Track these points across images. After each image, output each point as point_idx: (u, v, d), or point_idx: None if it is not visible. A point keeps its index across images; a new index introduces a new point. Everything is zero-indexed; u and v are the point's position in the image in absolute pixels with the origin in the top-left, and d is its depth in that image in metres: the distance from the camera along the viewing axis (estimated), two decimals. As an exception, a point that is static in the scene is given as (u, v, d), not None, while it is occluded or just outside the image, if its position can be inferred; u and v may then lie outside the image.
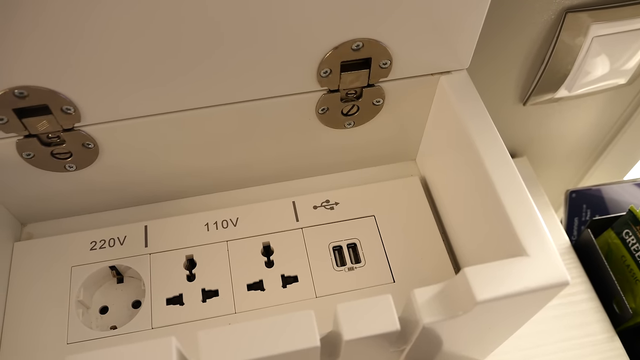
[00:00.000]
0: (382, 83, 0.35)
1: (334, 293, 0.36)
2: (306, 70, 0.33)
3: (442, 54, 0.34)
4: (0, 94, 0.29)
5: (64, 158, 0.35)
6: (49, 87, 0.30)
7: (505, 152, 0.31)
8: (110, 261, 0.38)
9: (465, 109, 0.33)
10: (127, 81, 0.31)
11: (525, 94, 0.48)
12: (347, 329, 0.25)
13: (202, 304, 0.36)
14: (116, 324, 0.37)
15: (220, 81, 0.32)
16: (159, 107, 0.33)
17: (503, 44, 0.42)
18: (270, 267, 0.38)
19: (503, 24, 0.39)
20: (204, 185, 0.42)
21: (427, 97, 0.38)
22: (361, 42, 0.31)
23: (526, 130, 0.53)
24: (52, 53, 0.28)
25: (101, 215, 0.41)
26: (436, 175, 0.41)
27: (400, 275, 0.37)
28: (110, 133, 0.34)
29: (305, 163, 0.42)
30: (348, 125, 0.38)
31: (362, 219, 0.40)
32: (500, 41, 0.41)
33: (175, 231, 0.39)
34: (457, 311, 0.25)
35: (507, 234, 0.29)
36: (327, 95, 0.35)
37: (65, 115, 0.32)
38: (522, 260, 0.27)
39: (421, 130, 0.41)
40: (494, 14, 0.36)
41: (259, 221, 0.39)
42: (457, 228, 0.38)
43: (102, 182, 0.38)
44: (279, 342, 0.24)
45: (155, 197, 0.41)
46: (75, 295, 0.36)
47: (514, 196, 0.29)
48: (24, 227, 0.41)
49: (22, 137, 0.33)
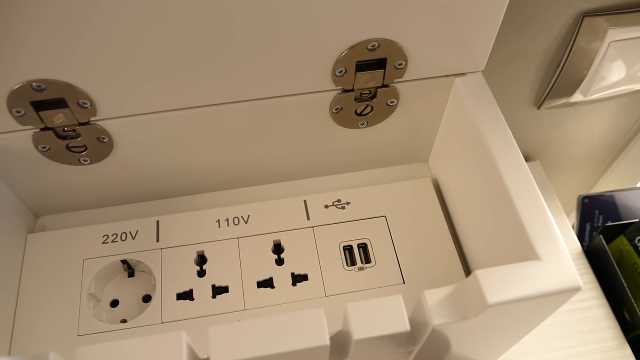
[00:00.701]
0: (396, 84, 0.35)
1: (343, 292, 0.36)
2: (321, 69, 0.33)
3: (458, 55, 0.34)
4: (19, 87, 0.30)
5: (79, 151, 0.35)
6: (66, 81, 0.30)
7: (520, 156, 0.31)
8: (122, 255, 0.38)
9: (480, 112, 0.33)
10: (143, 76, 0.31)
11: (539, 98, 0.47)
12: (357, 328, 0.25)
13: (212, 299, 0.36)
14: (126, 317, 0.37)
15: (235, 78, 0.32)
16: (174, 103, 0.33)
17: (519, 47, 0.42)
18: (281, 265, 0.38)
19: (519, 26, 0.39)
20: (215, 182, 0.42)
21: (442, 99, 0.37)
22: (377, 42, 0.31)
23: (540, 134, 0.53)
24: (70, 47, 0.28)
25: (114, 209, 0.42)
26: (448, 177, 0.41)
27: (410, 276, 0.37)
28: (125, 127, 0.34)
29: (317, 162, 0.42)
30: (361, 125, 0.38)
31: (373, 219, 0.40)
32: (516, 44, 0.41)
33: (187, 227, 0.39)
34: (467, 313, 0.25)
35: (519, 238, 0.29)
36: (342, 95, 0.35)
37: (82, 109, 0.32)
38: (535, 264, 0.27)
39: (434, 131, 0.41)
40: (511, 16, 0.36)
41: (270, 219, 0.40)
42: (468, 230, 0.38)
43: (115, 177, 0.39)
44: (289, 340, 0.24)
45: (167, 192, 0.42)
46: (87, 288, 0.37)
47: (528, 200, 0.29)
48: (37, 219, 0.41)
49: (38, 130, 0.33)
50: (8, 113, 0.31)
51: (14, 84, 0.29)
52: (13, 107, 0.31)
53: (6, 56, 0.28)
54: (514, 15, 0.37)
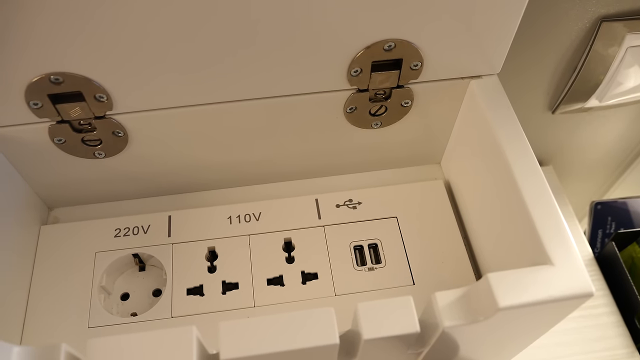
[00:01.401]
0: (411, 85, 0.35)
1: (353, 292, 0.37)
2: (337, 69, 0.33)
3: (474, 58, 0.34)
4: (37, 80, 0.30)
5: (94, 145, 0.35)
6: (84, 75, 0.30)
7: (534, 161, 0.31)
8: (134, 249, 0.38)
9: (495, 115, 0.33)
10: (160, 72, 0.31)
11: (554, 102, 0.47)
12: (367, 328, 0.25)
13: (222, 295, 0.36)
14: (136, 311, 0.37)
15: (252, 76, 0.32)
16: (189, 99, 0.33)
17: (535, 50, 0.42)
18: (291, 263, 0.38)
19: (536, 30, 0.39)
20: (228, 178, 0.42)
21: (456, 101, 0.37)
22: (393, 42, 0.31)
23: (554, 139, 0.52)
24: (88, 41, 0.28)
25: (126, 203, 0.42)
26: (461, 179, 0.41)
27: (420, 278, 0.37)
28: (140, 122, 0.34)
29: (330, 161, 0.42)
30: (375, 125, 0.38)
31: (385, 219, 0.40)
32: (532, 47, 0.41)
33: (199, 223, 0.39)
34: (478, 316, 0.25)
35: (532, 242, 0.29)
36: (356, 95, 0.35)
37: (98, 103, 0.32)
38: (547, 269, 0.27)
39: (448, 134, 0.41)
40: (528, 19, 0.36)
41: (282, 217, 0.40)
42: (479, 234, 0.38)
43: (129, 171, 0.39)
44: (299, 337, 0.24)
45: (179, 188, 0.42)
46: (98, 280, 0.37)
47: (542, 205, 0.29)
48: (51, 211, 0.42)
49: (54, 123, 0.33)
50: (26, 105, 0.31)
51: (33, 77, 0.30)
52: (31, 99, 0.31)
53: (25, 49, 0.28)
54: (532, 18, 0.37)
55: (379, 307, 0.25)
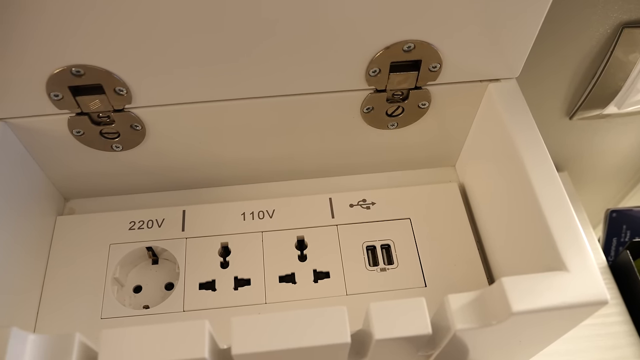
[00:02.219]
0: (429, 86, 0.35)
1: (364, 292, 0.37)
2: (355, 69, 0.33)
3: (493, 61, 0.34)
4: (58, 71, 0.30)
5: (112, 138, 0.36)
6: (105, 68, 0.30)
7: (551, 166, 0.31)
8: (148, 242, 0.39)
9: (513, 119, 0.33)
10: (181, 67, 0.31)
11: (572, 108, 0.47)
12: (379, 328, 0.25)
13: (233, 291, 0.37)
14: (149, 303, 0.37)
15: (270, 73, 0.32)
16: (208, 94, 0.34)
17: (554, 55, 0.41)
18: (303, 261, 0.38)
19: (556, 34, 0.39)
20: (242, 175, 0.42)
21: (474, 104, 0.37)
22: (413, 43, 0.31)
23: (570, 145, 0.52)
24: (111, 35, 0.29)
25: (141, 196, 0.42)
26: (475, 183, 0.41)
27: (432, 280, 0.37)
28: (158, 116, 0.35)
29: (344, 161, 0.42)
30: (391, 126, 0.38)
31: (398, 220, 0.40)
32: (551, 52, 0.41)
33: (212, 218, 0.40)
34: (491, 320, 0.25)
35: (547, 248, 0.28)
36: (374, 95, 0.35)
37: (117, 96, 0.32)
38: (562, 275, 0.26)
39: (464, 136, 0.41)
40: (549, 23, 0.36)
41: (295, 215, 0.40)
42: (493, 238, 0.38)
43: (145, 165, 0.39)
44: (310, 335, 0.24)
45: (194, 183, 0.42)
46: (112, 272, 0.37)
47: (558, 211, 0.29)
48: (67, 202, 0.42)
49: (74, 115, 0.34)
50: (46, 96, 0.32)
51: (54, 68, 0.30)
52: (52, 90, 0.31)
53: (49, 40, 0.29)
54: (552, 22, 0.37)
55: (391, 307, 0.25)
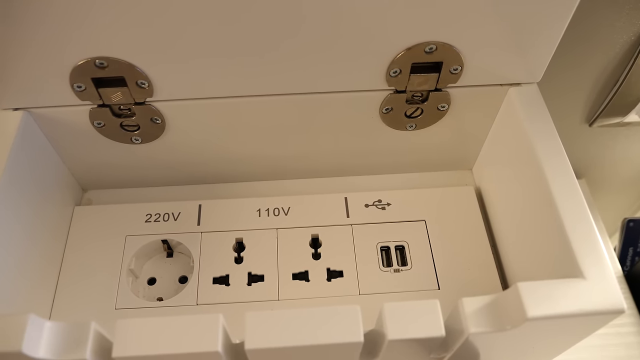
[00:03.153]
0: (449, 88, 0.35)
1: (377, 292, 0.36)
2: (376, 69, 0.33)
3: (515, 65, 0.34)
4: (82, 63, 0.31)
5: (132, 130, 0.36)
6: (128, 61, 0.31)
7: (571, 173, 0.31)
8: (163, 235, 0.39)
9: (533, 124, 0.33)
10: (203, 62, 0.31)
11: (592, 115, 0.46)
12: (392, 328, 0.25)
13: (247, 287, 0.37)
14: (162, 296, 0.38)
15: (292, 71, 0.32)
16: (229, 90, 0.34)
17: (576, 61, 0.41)
18: (317, 259, 0.38)
19: (580, 40, 0.38)
20: (259, 171, 0.42)
21: (493, 108, 0.37)
22: (435, 45, 0.31)
23: (588, 152, 0.52)
24: (135, 29, 0.29)
25: (158, 189, 0.43)
26: (492, 187, 0.40)
27: (445, 283, 0.37)
28: (178, 110, 0.35)
29: (361, 161, 0.42)
30: (409, 127, 0.38)
31: (413, 222, 0.40)
32: (574, 57, 0.40)
33: (228, 213, 0.40)
34: (505, 325, 0.25)
35: (564, 255, 0.28)
36: (393, 96, 0.35)
37: (139, 89, 0.33)
38: (578, 282, 0.26)
39: (482, 140, 0.41)
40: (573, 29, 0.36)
41: (310, 213, 0.40)
42: (508, 243, 0.38)
43: (163, 158, 0.39)
44: (324, 333, 0.24)
45: (211, 178, 0.42)
46: (127, 263, 0.38)
47: (576, 218, 0.29)
48: (84, 193, 0.43)
49: (95, 106, 0.34)
50: (69, 87, 0.32)
51: (78, 60, 0.30)
52: (75, 81, 0.32)
53: (74, 32, 0.29)
54: (576, 28, 0.36)
55: (405, 308, 0.25)
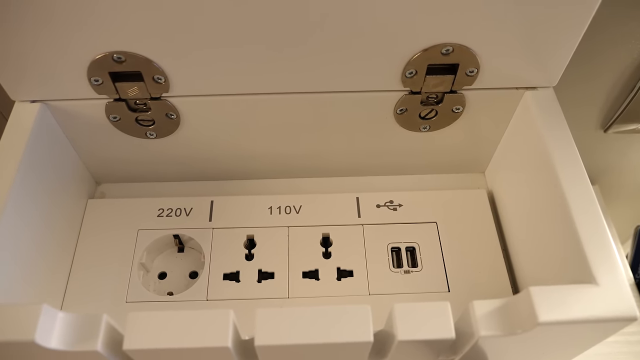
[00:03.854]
0: (465, 91, 0.35)
1: (387, 293, 0.36)
2: (392, 69, 0.33)
3: (532, 69, 0.33)
4: (100, 57, 0.31)
5: (147, 125, 0.36)
6: (145, 56, 0.31)
7: (586, 179, 0.30)
8: (175, 230, 0.39)
9: (549, 129, 0.33)
10: (220, 59, 0.32)
11: (608, 121, 0.46)
12: (402, 329, 0.25)
13: (257, 284, 0.37)
14: (172, 290, 0.38)
15: (309, 70, 0.33)
16: (245, 87, 0.34)
17: (593, 66, 0.41)
18: (328, 258, 0.38)
19: (598, 45, 0.38)
20: (271, 169, 0.42)
21: (508, 111, 0.37)
22: (452, 47, 0.31)
23: (602, 158, 0.51)
24: (154, 24, 0.29)
25: (171, 185, 0.43)
26: (505, 190, 0.40)
27: (455, 286, 0.37)
28: (193, 106, 0.35)
29: (374, 161, 0.42)
30: (423, 129, 0.38)
31: (424, 224, 0.40)
32: (591, 63, 0.40)
33: (240, 210, 0.40)
34: (516, 329, 0.25)
35: (576, 261, 0.28)
36: (408, 97, 0.35)
37: (156, 84, 0.33)
38: (590, 288, 0.26)
39: (496, 143, 0.41)
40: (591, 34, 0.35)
41: (322, 212, 0.40)
42: (519, 247, 0.38)
43: (177, 154, 0.40)
44: (334, 332, 0.24)
45: (223, 174, 0.43)
46: (139, 257, 0.38)
47: (590, 224, 0.28)
48: (98, 186, 0.43)
49: (112, 100, 0.34)
50: (87, 81, 0.32)
51: (97, 54, 0.31)
52: (92, 75, 0.32)
53: (93, 26, 0.29)
54: (594, 33, 0.36)
55: (415, 309, 0.25)
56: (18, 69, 0.32)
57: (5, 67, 0.32)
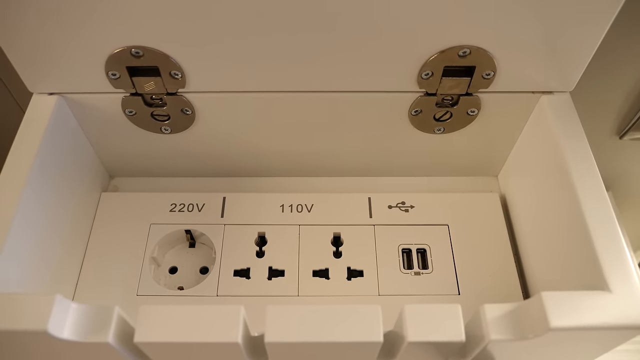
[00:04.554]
0: (480, 93, 0.35)
1: (397, 294, 0.36)
2: (408, 70, 0.33)
3: (549, 73, 0.33)
4: (118, 51, 0.31)
5: (162, 120, 0.37)
6: (163, 51, 0.31)
7: (601, 186, 0.30)
8: (187, 225, 0.39)
9: (564, 134, 0.32)
10: (236, 56, 0.32)
11: (623, 128, 0.46)
12: (412, 330, 0.25)
13: (267, 281, 0.37)
14: (183, 285, 0.38)
15: (325, 68, 0.33)
16: (261, 84, 0.34)
17: (610, 72, 0.40)
18: (338, 257, 0.38)
19: (616, 51, 0.38)
20: (284, 167, 0.42)
21: (524, 115, 0.37)
22: (469, 49, 0.31)
23: (617, 165, 0.51)
24: (173, 20, 0.29)
25: (183, 180, 0.43)
26: (517, 194, 0.40)
27: (466, 289, 0.37)
28: (209, 102, 0.35)
29: (386, 161, 0.42)
30: (437, 130, 0.38)
31: (436, 226, 0.40)
32: (608, 68, 0.40)
33: (251, 207, 0.40)
34: (527, 333, 0.25)
35: (589, 267, 0.28)
36: (423, 98, 0.35)
37: (172, 80, 0.33)
38: (603, 295, 0.26)
39: (510, 147, 0.40)
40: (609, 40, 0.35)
41: (333, 211, 0.40)
42: (531, 252, 0.37)
43: (190, 149, 0.40)
44: (344, 331, 0.24)
45: (236, 171, 0.43)
46: (150, 251, 0.38)
47: (604, 231, 0.28)
48: (111, 180, 0.43)
49: (128, 95, 0.35)
50: (104, 75, 0.33)
51: (115, 48, 0.31)
52: (110, 69, 0.32)
53: (113, 20, 0.29)
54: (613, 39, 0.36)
55: (426, 311, 0.25)
56: (37, 62, 0.32)
57: (25, 59, 0.32)
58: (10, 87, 0.45)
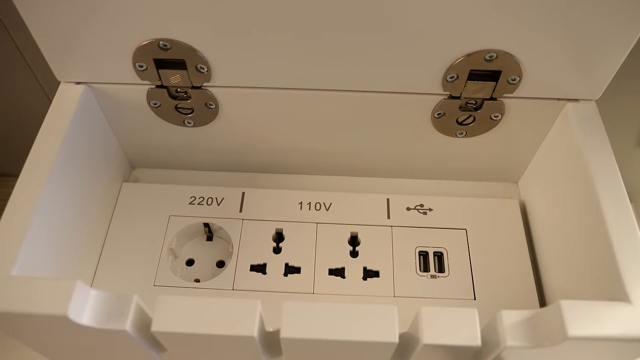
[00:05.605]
0: (505, 98, 0.35)
1: (412, 296, 0.36)
2: (433, 72, 0.33)
3: (575, 80, 0.33)
4: (147, 43, 0.31)
5: (186, 113, 0.37)
6: (191, 45, 0.31)
7: (624, 195, 0.30)
8: (205, 218, 0.40)
9: (589, 143, 0.32)
10: (263, 53, 0.32)
11: (648, 138, 0.45)
12: (428, 333, 0.25)
13: (283, 277, 0.37)
14: (200, 277, 0.38)
15: (350, 68, 0.33)
16: (286, 81, 0.34)
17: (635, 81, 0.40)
18: (355, 257, 0.38)
19: None
20: (304, 165, 0.43)
21: (548, 122, 0.36)
22: (496, 53, 0.31)
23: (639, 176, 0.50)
24: (201, 13, 0.30)
25: (204, 173, 0.44)
26: (537, 202, 0.40)
27: (482, 294, 0.37)
28: (233, 98, 0.36)
29: (407, 163, 0.42)
30: (460, 134, 0.38)
31: (453, 230, 0.39)
32: (633, 77, 0.39)
33: (270, 203, 0.40)
34: (543, 341, 0.25)
35: (610, 277, 0.28)
36: (447, 101, 0.35)
37: (198, 73, 0.33)
38: (623, 306, 0.26)
39: (532, 154, 0.40)
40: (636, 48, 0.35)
41: (351, 211, 0.40)
42: (550, 260, 0.37)
43: (212, 143, 0.40)
44: (359, 330, 0.24)
45: (256, 167, 0.43)
46: (169, 242, 0.38)
47: (627, 241, 0.28)
48: (132, 170, 0.44)
49: (153, 87, 0.35)
50: (132, 66, 0.33)
51: (143, 40, 0.31)
52: (137, 61, 0.33)
53: (142, 12, 0.30)
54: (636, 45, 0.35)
55: (442, 314, 0.25)
56: (66, 51, 0.33)
57: (54, 48, 0.32)
58: (37, 75, 0.46)
